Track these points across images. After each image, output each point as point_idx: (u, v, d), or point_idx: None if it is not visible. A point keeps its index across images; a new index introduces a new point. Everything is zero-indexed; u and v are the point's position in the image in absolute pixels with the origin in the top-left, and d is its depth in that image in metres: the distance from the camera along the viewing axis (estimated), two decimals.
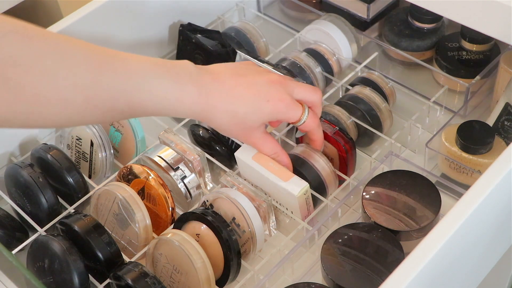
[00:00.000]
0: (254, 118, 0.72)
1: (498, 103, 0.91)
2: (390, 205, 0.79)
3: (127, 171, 0.84)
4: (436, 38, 1.04)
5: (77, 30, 0.93)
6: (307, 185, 0.79)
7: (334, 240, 0.76)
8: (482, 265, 0.83)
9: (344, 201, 0.82)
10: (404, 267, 0.62)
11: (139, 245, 0.80)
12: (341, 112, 0.92)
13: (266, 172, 0.80)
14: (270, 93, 0.72)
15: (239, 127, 0.72)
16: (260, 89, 0.72)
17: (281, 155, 0.79)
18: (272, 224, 0.83)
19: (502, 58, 0.93)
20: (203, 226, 0.78)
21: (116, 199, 0.80)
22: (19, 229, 0.86)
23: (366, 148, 0.96)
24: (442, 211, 0.77)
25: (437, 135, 0.90)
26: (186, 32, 1.02)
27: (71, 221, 0.76)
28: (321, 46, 1.02)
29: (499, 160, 0.69)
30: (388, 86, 0.97)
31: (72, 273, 0.73)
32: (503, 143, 0.88)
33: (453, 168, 0.89)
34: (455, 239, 0.64)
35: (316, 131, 0.80)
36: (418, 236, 0.77)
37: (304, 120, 0.76)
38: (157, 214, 0.83)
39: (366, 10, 1.04)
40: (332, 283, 0.73)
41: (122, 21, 0.98)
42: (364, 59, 1.01)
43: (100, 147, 0.90)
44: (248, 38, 1.05)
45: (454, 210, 0.65)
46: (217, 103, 0.70)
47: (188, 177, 0.86)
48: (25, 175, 0.83)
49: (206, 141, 0.92)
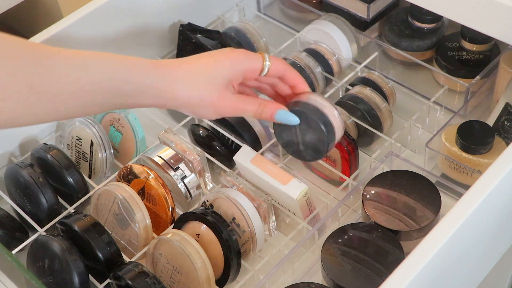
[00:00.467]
0: (217, 74, 0.70)
1: (498, 103, 0.91)
2: (390, 205, 0.79)
3: (127, 171, 0.84)
4: (436, 38, 1.04)
5: (77, 30, 0.93)
6: (306, 187, 0.79)
7: (334, 240, 0.76)
8: (482, 265, 0.83)
9: (344, 201, 0.82)
10: (404, 267, 0.62)
11: (139, 245, 0.80)
12: (341, 112, 0.92)
13: (265, 175, 0.80)
14: (227, 50, 0.72)
15: (207, 92, 0.70)
16: (217, 52, 0.72)
17: (265, 102, 0.74)
18: (272, 224, 0.83)
19: (502, 58, 0.93)
20: (203, 226, 0.78)
21: (116, 199, 0.80)
22: (19, 229, 0.86)
23: (366, 148, 0.96)
24: (442, 211, 0.77)
25: (437, 135, 0.90)
26: (186, 32, 1.02)
27: (71, 221, 0.76)
28: (321, 46, 1.02)
29: (499, 160, 0.69)
30: (388, 86, 0.97)
31: (72, 273, 0.73)
32: (503, 143, 0.88)
33: (453, 168, 0.89)
34: (455, 239, 0.64)
35: (290, 71, 0.76)
36: (418, 236, 0.77)
37: (268, 65, 0.73)
38: (157, 214, 0.83)
39: (366, 10, 1.03)
40: (332, 283, 0.73)
41: (122, 21, 0.98)
42: (364, 59, 1.01)
43: (100, 147, 0.90)
44: (248, 38, 1.05)
45: (454, 210, 0.65)
46: (179, 72, 0.69)
47: (188, 177, 0.86)
48: (25, 175, 0.83)
49: (206, 141, 0.92)
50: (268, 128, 0.93)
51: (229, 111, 0.72)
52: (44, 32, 0.91)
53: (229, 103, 0.71)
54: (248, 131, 0.91)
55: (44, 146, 0.87)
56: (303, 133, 0.74)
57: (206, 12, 1.11)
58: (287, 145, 0.77)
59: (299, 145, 0.76)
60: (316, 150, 0.75)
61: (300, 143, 0.76)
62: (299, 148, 0.76)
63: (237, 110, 0.73)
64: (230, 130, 0.92)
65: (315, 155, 0.76)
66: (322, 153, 0.76)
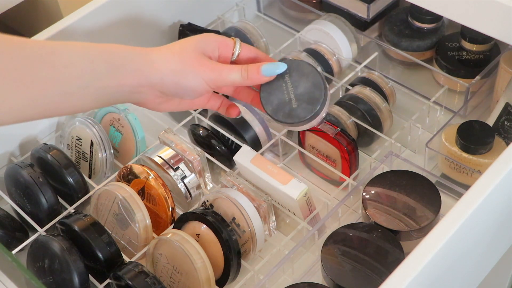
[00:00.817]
0: (191, 44, 0.70)
1: (498, 103, 0.91)
2: (390, 205, 0.79)
3: (127, 171, 0.84)
4: (436, 38, 1.04)
5: (77, 30, 0.93)
6: (306, 187, 0.79)
7: (334, 240, 0.76)
8: (482, 265, 0.83)
9: (344, 201, 0.82)
10: (404, 267, 0.62)
11: (139, 245, 0.80)
12: (341, 112, 0.92)
13: (265, 175, 0.80)
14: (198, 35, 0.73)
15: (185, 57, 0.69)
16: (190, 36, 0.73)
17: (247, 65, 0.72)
18: (272, 224, 0.83)
19: (502, 58, 0.93)
20: (203, 226, 0.78)
21: (116, 199, 0.80)
22: (19, 229, 0.86)
23: (366, 148, 0.96)
24: (442, 211, 0.77)
25: (437, 135, 0.90)
26: (186, 32, 1.02)
27: (71, 221, 0.76)
28: (321, 46, 1.02)
29: (499, 160, 0.69)
30: (388, 86, 0.97)
31: (72, 273, 0.73)
32: (503, 143, 0.88)
33: (453, 168, 0.89)
34: (455, 239, 0.64)
35: (261, 53, 0.75)
36: (418, 236, 0.77)
37: (239, 43, 0.74)
38: (157, 214, 0.83)
39: (366, 10, 1.03)
40: (332, 283, 0.73)
41: (122, 21, 0.98)
42: (364, 59, 1.01)
43: (100, 147, 0.90)
44: (248, 38, 1.05)
45: (454, 210, 0.65)
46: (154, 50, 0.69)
47: (188, 177, 0.86)
48: (25, 175, 0.83)
49: (206, 141, 0.92)
50: (268, 128, 0.93)
51: (214, 75, 0.70)
52: (44, 32, 0.91)
53: (210, 65, 0.70)
54: (248, 131, 0.91)
55: (44, 146, 0.87)
56: (295, 84, 0.71)
57: (206, 12, 1.11)
58: (277, 110, 0.71)
59: (292, 102, 0.71)
60: (312, 100, 0.70)
61: (292, 100, 0.71)
62: (292, 107, 0.71)
63: (222, 74, 0.70)
64: (230, 130, 0.92)
65: (311, 108, 0.70)
66: (319, 101, 0.70)
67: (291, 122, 0.71)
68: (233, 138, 0.91)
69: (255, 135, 0.92)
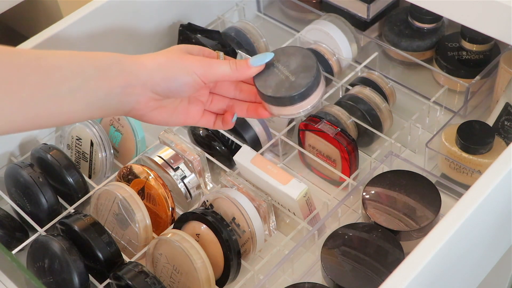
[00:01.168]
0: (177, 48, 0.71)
1: (498, 103, 0.91)
2: (390, 205, 0.79)
3: (127, 171, 0.84)
4: (436, 38, 1.04)
5: (77, 30, 0.93)
6: (306, 187, 0.79)
7: (334, 240, 0.76)
8: (482, 265, 0.83)
9: (344, 201, 0.82)
10: (404, 267, 0.62)
11: (139, 245, 0.80)
12: (341, 112, 0.92)
13: (265, 175, 0.80)
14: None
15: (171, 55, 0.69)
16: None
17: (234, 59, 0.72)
18: (272, 224, 0.83)
19: (502, 58, 0.93)
20: (203, 226, 0.78)
21: (116, 199, 0.80)
22: (19, 229, 0.86)
23: (366, 148, 0.96)
24: (442, 211, 0.77)
25: (437, 135, 0.90)
26: (186, 32, 1.02)
27: (71, 221, 0.76)
28: (321, 46, 1.02)
29: (499, 160, 0.69)
30: (388, 86, 0.97)
31: (72, 273, 0.73)
32: (503, 143, 0.88)
33: (453, 168, 0.89)
34: (455, 239, 0.64)
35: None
36: (418, 236, 0.77)
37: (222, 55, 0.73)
38: (157, 214, 0.83)
39: (366, 10, 1.03)
40: (332, 283, 0.73)
41: (122, 21, 0.98)
42: (364, 59, 1.01)
43: (100, 147, 0.90)
44: (248, 38, 1.05)
45: (454, 210, 0.65)
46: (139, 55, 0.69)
47: (188, 177, 0.86)
48: (25, 175, 0.83)
49: (206, 141, 0.92)
50: (268, 128, 0.93)
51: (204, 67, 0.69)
52: (44, 32, 0.91)
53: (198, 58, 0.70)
54: (248, 131, 0.91)
55: (44, 146, 0.87)
56: (285, 64, 0.72)
57: (206, 12, 1.11)
58: (278, 88, 0.72)
59: (289, 78, 0.72)
60: (307, 68, 0.71)
61: (289, 76, 0.72)
62: (291, 80, 0.71)
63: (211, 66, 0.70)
64: (230, 130, 0.92)
65: (308, 75, 0.71)
66: (314, 66, 0.71)
67: (295, 94, 0.71)
68: (233, 138, 0.91)
69: (255, 135, 0.92)
